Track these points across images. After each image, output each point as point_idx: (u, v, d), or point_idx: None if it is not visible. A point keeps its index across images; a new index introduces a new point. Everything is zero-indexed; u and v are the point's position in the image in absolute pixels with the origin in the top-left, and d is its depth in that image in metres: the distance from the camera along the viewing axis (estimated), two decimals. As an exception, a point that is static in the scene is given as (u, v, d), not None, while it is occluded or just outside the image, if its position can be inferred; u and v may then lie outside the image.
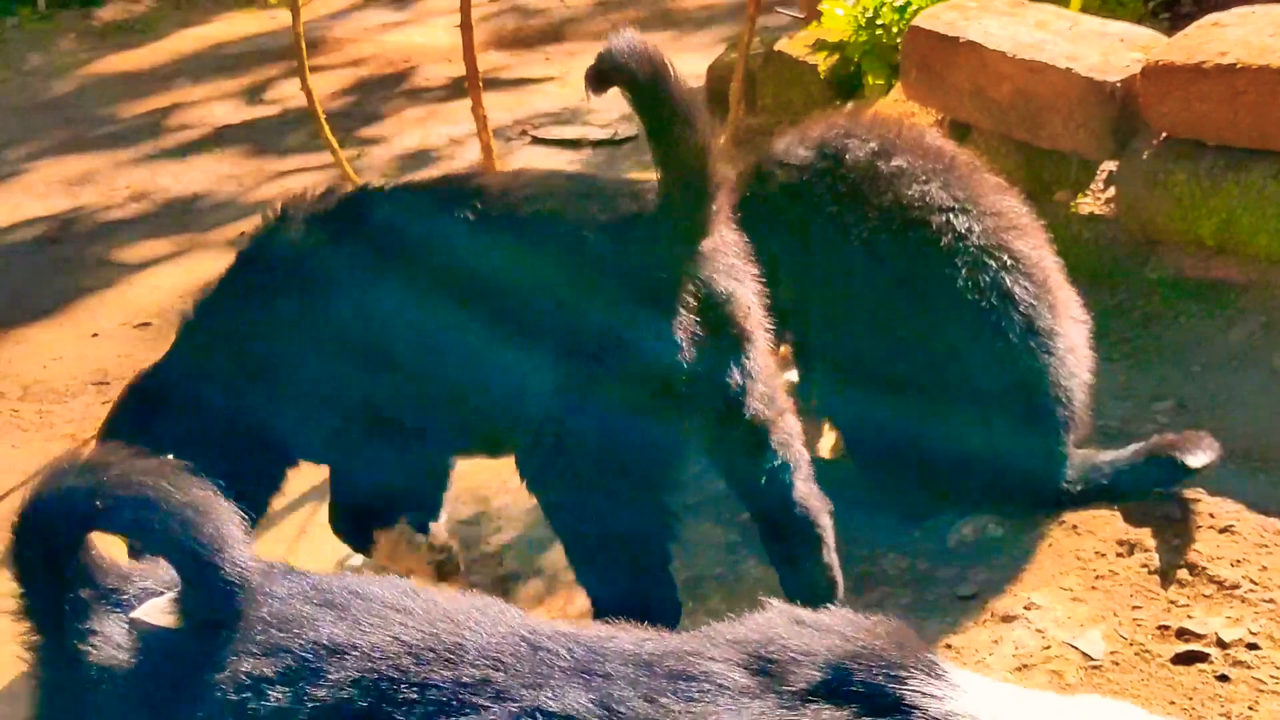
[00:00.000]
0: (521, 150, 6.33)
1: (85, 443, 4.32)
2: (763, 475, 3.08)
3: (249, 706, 1.87)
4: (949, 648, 3.04)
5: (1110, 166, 4.50)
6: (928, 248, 3.39)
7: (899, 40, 5.10)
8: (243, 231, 3.69)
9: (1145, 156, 4.29)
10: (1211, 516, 3.32)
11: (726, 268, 2.97)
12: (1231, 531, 3.28)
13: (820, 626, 1.85)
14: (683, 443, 2.98)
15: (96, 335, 4.84)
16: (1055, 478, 3.39)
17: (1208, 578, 3.17)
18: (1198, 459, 3.33)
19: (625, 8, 8.40)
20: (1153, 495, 3.37)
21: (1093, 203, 4.52)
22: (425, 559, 3.39)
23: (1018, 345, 3.35)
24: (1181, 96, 4.15)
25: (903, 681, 1.75)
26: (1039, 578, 3.25)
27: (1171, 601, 3.13)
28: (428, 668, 1.86)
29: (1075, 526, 3.38)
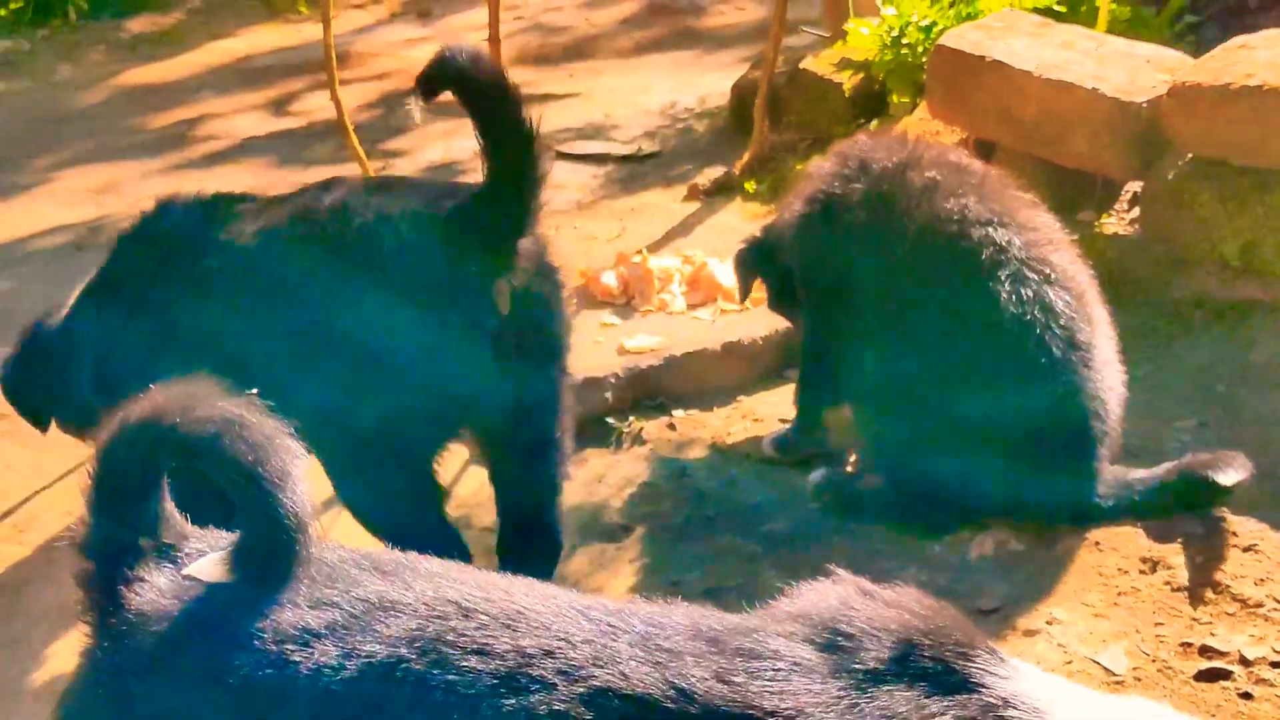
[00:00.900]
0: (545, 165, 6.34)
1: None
2: (531, 488, 3.35)
3: (294, 659, 1.87)
4: (971, 661, 3.04)
5: (1135, 186, 4.52)
6: (967, 260, 3.42)
7: (924, 59, 5.12)
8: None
9: (1170, 177, 4.30)
10: (1235, 535, 3.32)
11: (543, 281, 3.20)
12: (1255, 550, 3.28)
13: (890, 601, 1.86)
14: (448, 434, 3.23)
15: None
16: (1089, 493, 3.40)
17: (1231, 596, 3.17)
18: (1229, 476, 3.33)
19: (649, 26, 8.45)
20: (1178, 513, 3.37)
21: (1117, 222, 4.53)
22: None
23: (1060, 358, 3.37)
24: (1207, 117, 4.16)
25: (970, 660, 1.76)
26: (1061, 593, 3.25)
27: (1194, 619, 3.13)
28: (485, 632, 1.86)
29: (1098, 543, 3.38)
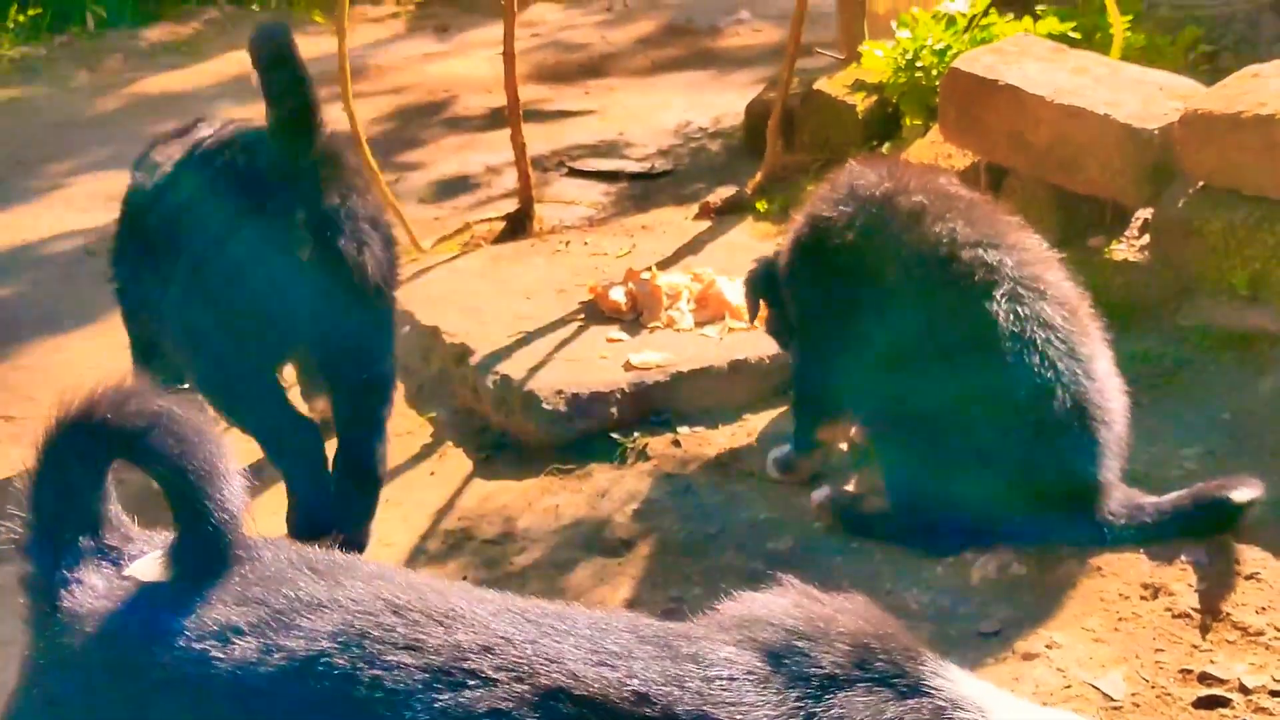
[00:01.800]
0: (558, 181, 6.37)
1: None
2: (350, 422, 3.80)
3: (215, 656, 1.87)
4: (970, 683, 3.03)
5: (1145, 213, 4.52)
6: (962, 281, 3.44)
7: (937, 82, 5.13)
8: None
9: (1181, 204, 4.29)
10: (1237, 563, 3.31)
11: (356, 224, 3.59)
12: (1257, 579, 3.27)
13: (839, 608, 1.85)
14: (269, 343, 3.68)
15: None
16: (1099, 506, 3.40)
17: (1232, 623, 3.15)
18: (1244, 494, 3.34)
19: (665, 45, 8.48)
20: (1189, 537, 3.37)
21: (1127, 249, 4.53)
22: None
23: (1061, 374, 3.38)
24: (1219, 146, 4.16)
25: (919, 663, 1.76)
26: (1062, 617, 3.24)
27: (1194, 646, 3.12)
28: (417, 629, 1.84)
29: (1099, 568, 3.37)
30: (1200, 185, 4.28)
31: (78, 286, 5.53)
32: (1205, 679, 3.02)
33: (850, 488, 3.84)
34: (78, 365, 4.90)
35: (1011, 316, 3.39)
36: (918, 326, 3.48)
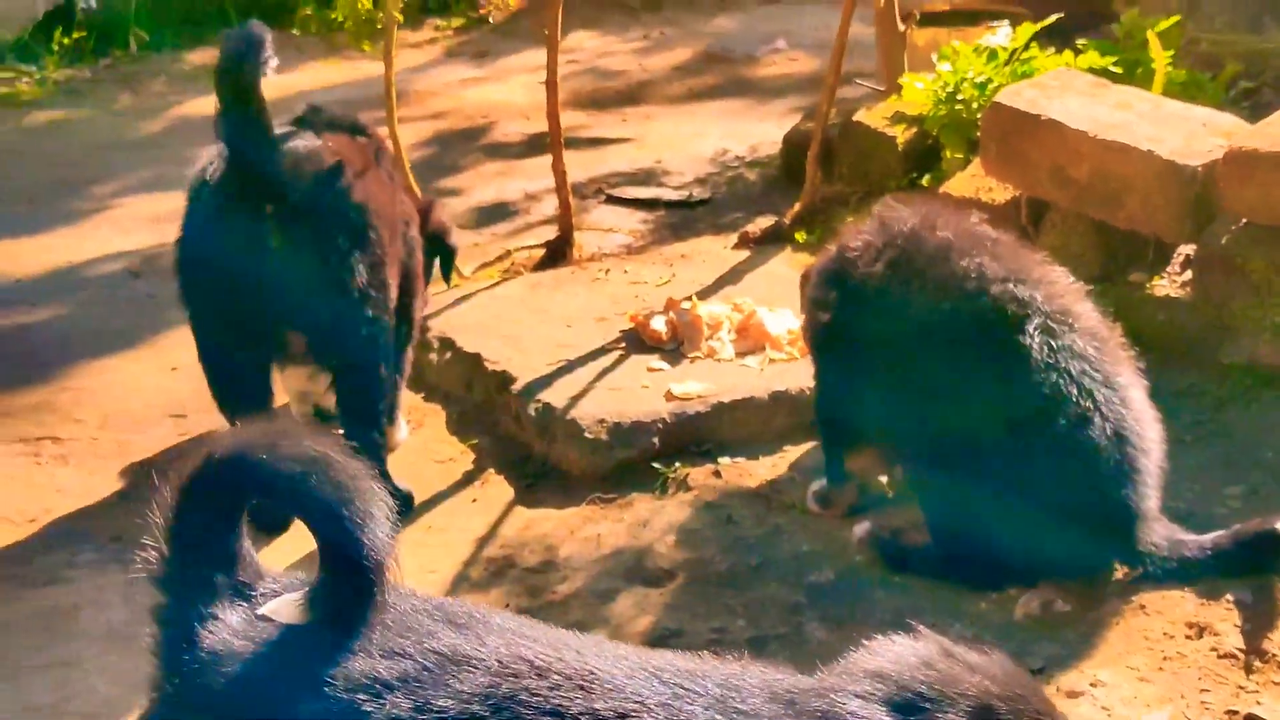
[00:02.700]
0: (596, 209, 6.41)
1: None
2: (343, 406, 4.07)
3: (367, 709, 1.88)
4: (1014, 720, 3.03)
5: (1187, 250, 4.52)
6: (995, 316, 3.46)
7: (978, 115, 5.14)
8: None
9: (1223, 241, 4.30)
10: (1282, 603, 3.31)
11: (329, 225, 3.87)
12: (1302, 619, 3.27)
13: (973, 665, 1.84)
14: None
15: (176, 369, 4.92)
16: (1139, 536, 3.40)
17: (1278, 664, 3.15)
18: None
19: (702, 73, 8.52)
20: (1234, 575, 3.37)
21: (1168, 285, 4.53)
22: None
23: (1100, 401, 3.39)
24: (1262, 183, 4.17)
25: None
26: (1106, 655, 3.25)
27: (1240, 686, 3.11)
28: (559, 692, 1.86)
29: (1144, 606, 3.37)
30: (1243, 222, 4.29)
31: (122, 308, 5.59)
32: (1251, 720, 3.02)
33: (892, 522, 3.84)
34: (122, 387, 4.95)
35: (1045, 349, 3.40)
36: (949, 362, 3.49)
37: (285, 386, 4.56)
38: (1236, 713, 3.04)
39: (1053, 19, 5.60)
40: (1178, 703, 3.08)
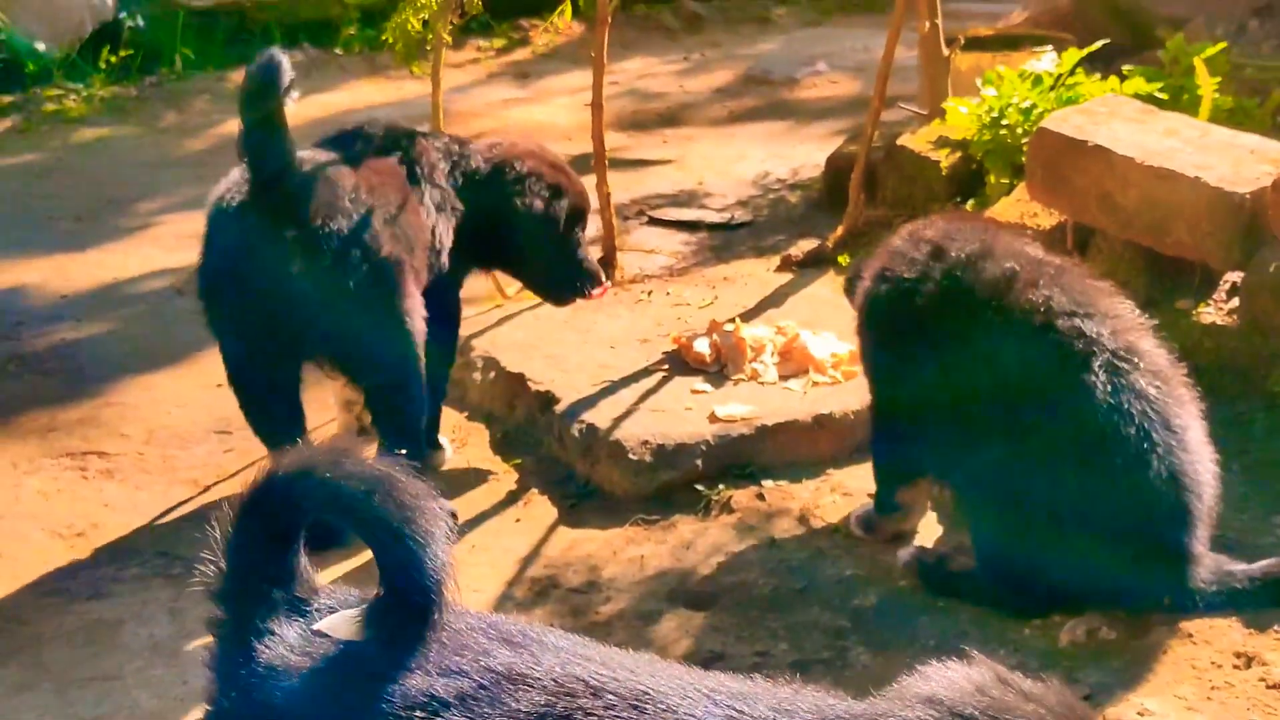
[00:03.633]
0: (638, 230, 6.42)
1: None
2: (376, 418, 4.19)
3: None
4: (1060, 748, 3.01)
5: (1234, 277, 4.50)
6: (1059, 350, 3.44)
7: (1023, 141, 5.14)
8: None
9: (1271, 269, 4.27)
10: (1332, 634, 3.28)
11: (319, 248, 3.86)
12: (1353, 651, 3.24)
13: (1028, 691, 1.84)
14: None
15: (220, 385, 4.92)
16: (1190, 575, 3.38)
17: (1328, 696, 3.13)
18: None
19: (743, 96, 8.54)
20: (1273, 608, 3.34)
21: (1215, 312, 4.50)
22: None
23: (1155, 444, 3.37)
24: (1311, 211, 4.15)
25: None
26: (1153, 684, 3.22)
27: (1290, 718, 3.09)
28: (614, 713, 1.86)
29: (1191, 635, 3.35)
30: (1291, 250, 4.27)
31: (166, 325, 5.63)
32: (1301, 752, 2.99)
33: (937, 546, 3.83)
34: (168, 403, 4.98)
35: (1107, 387, 3.39)
36: (1010, 393, 3.48)
37: (332, 396, 4.61)
38: (1286, 745, 3.02)
39: (1098, 45, 5.60)
40: (1227, 733, 3.06)
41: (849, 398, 4.34)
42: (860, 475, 4.15)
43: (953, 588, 3.62)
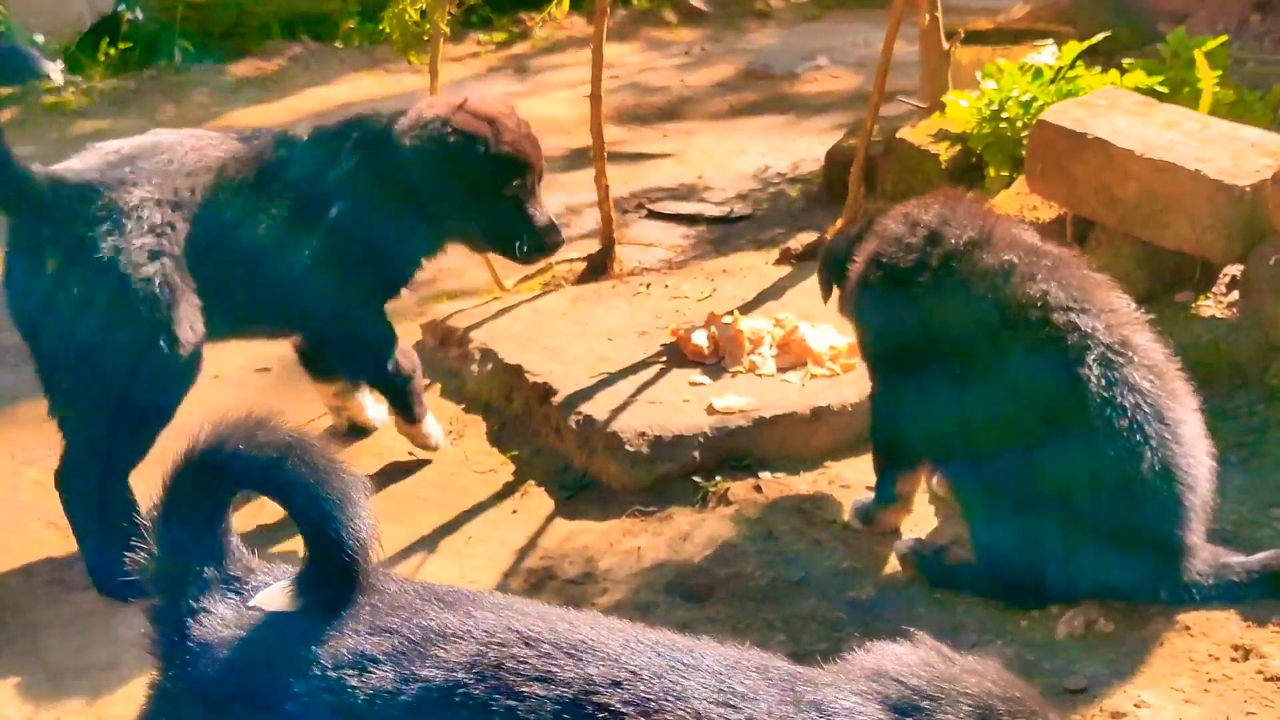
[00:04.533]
0: (637, 223, 6.41)
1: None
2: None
3: (352, 684, 1.90)
4: (1057, 740, 3.01)
5: (1234, 270, 4.49)
6: (1055, 343, 3.45)
7: (1023, 134, 5.13)
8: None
9: (1271, 262, 4.26)
10: (1331, 627, 3.27)
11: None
12: (1351, 643, 3.23)
13: (968, 669, 1.84)
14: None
15: (218, 377, 4.93)
16: (1184, 568, 3.38)
17: (1325, 688, 3.12)
18: None
19: (743, 90, 8.52)
20: (1270, 600, 3.34)
21: (1214, 305, 4.50)
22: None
23: (1152, 436, 3.36)
24: (1312, 204, 4.13)
25: None
26: (1150, 676, 3.22)
27: (1287, 710, 3.08)
28: (549, 660, 1.86)
29: (1188, 627, 3.34)
30: (1291, 243, 4.26)
31: (164, 316, 5.60)
32: (1298, 744, 2.99)
33: (934, 538, 3.82)
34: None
35: (1102, 381, 3.39)
36: (1007, 385, 3.47)
37: (321, 400, 4.60)
38: (1284, 737, 3.01)
39: (1099, 38, 5.59)
40: (1224, 725, 3.05)
41: (847, 390, 4.34)
42: (858, 467, 4.15)
43: (950, 579, 3.62)
